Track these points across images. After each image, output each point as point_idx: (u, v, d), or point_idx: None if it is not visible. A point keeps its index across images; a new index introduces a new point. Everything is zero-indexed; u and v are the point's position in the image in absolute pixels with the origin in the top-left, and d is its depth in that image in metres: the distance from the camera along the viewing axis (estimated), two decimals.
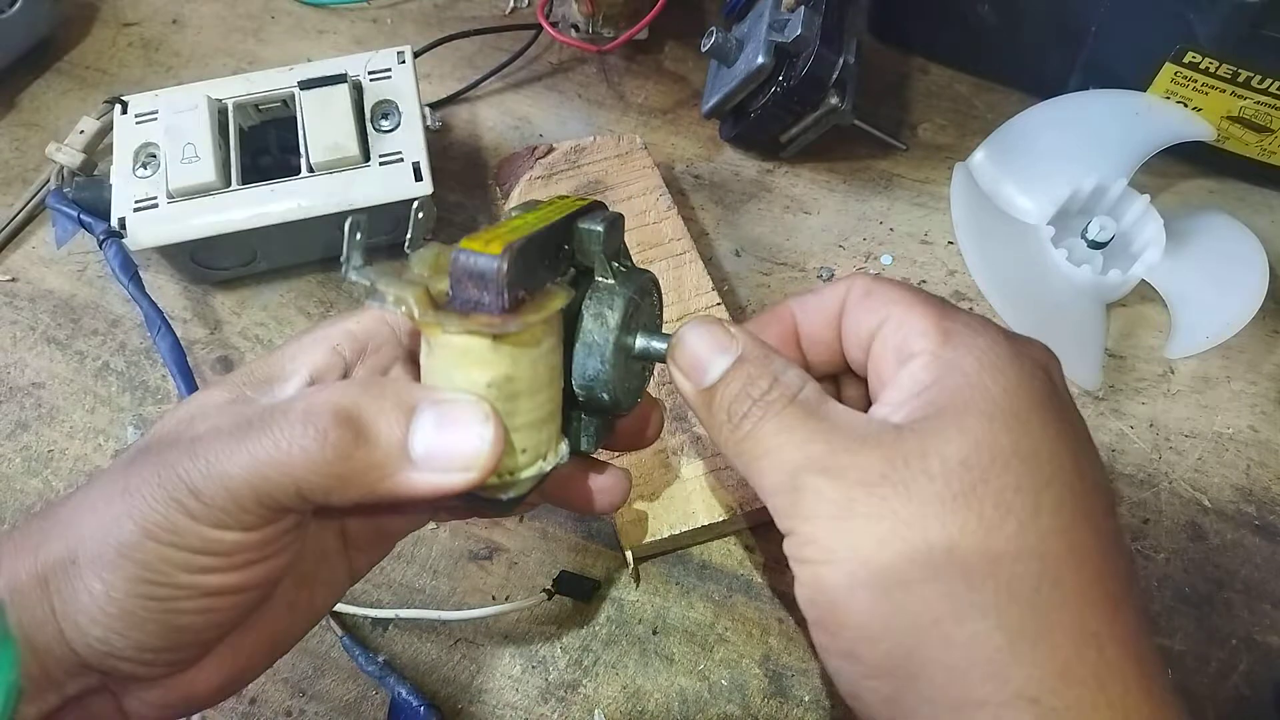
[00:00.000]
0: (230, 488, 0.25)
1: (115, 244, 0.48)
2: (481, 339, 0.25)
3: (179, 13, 0.66)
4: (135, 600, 0.25)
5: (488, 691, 0.42)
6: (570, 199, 0.30)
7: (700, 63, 0.62)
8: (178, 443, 0.26)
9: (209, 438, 0.26)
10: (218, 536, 0.25)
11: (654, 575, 0.45)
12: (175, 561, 0.25)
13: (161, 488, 0.25)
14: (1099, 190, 0.51)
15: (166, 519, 0.25)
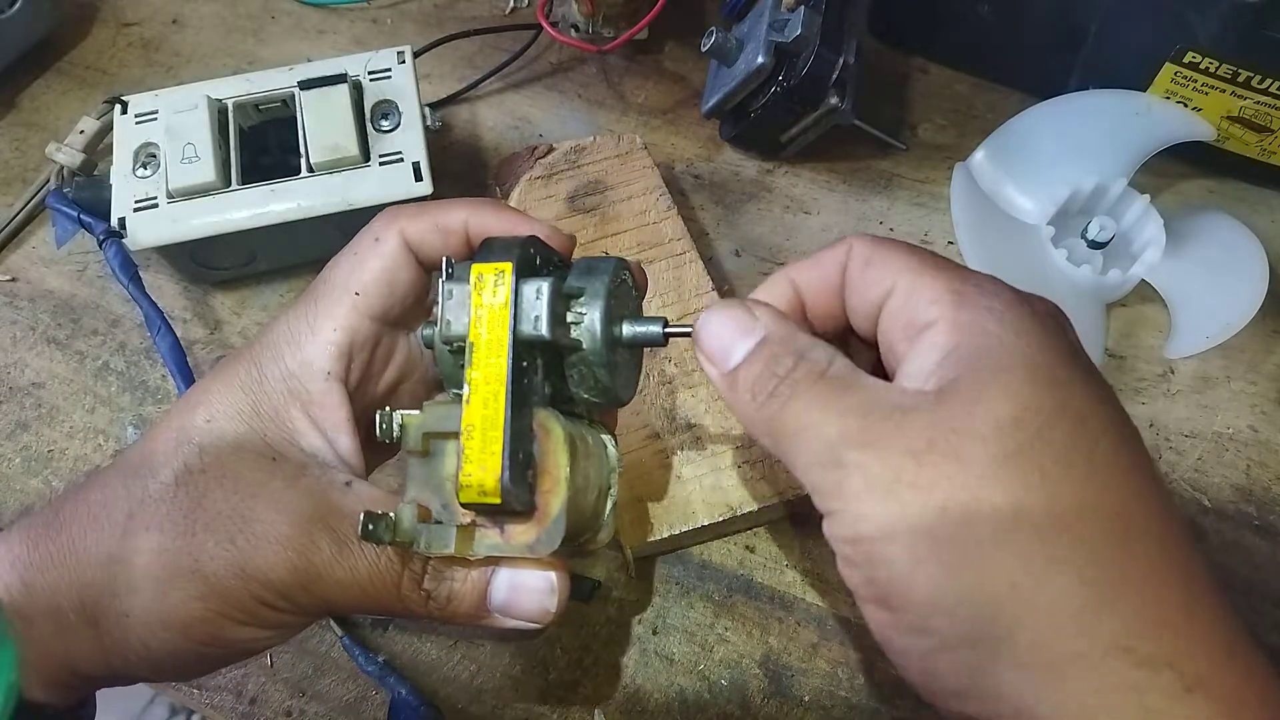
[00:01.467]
0: (330, 602, 0.29)
1: (115, 244, 0.48)
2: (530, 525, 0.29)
3: (179, 13, 0.66)
4: (192, 653, 0.28)
5: (488, 691, 0.42)
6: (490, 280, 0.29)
7: (700, 63, 0.62)
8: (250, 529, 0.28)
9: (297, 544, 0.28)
10: (291, 620, 0.29)
11: (654, 575, 0.45)
12: (243, 634, 0.29)
13: (246, 585, 0.28)
14: (1099, 190, 0.51)
15: (248, 609, 0.28)
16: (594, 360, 0.30)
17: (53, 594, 0.28)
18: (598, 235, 0.52)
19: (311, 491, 0.29)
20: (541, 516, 0.28)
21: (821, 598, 0.44)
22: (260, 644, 0.30)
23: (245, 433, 0.30)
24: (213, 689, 0.43)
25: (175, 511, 0.28)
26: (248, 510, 0.28)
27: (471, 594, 0.30)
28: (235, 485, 0.28)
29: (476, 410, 0.28)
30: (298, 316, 0.31)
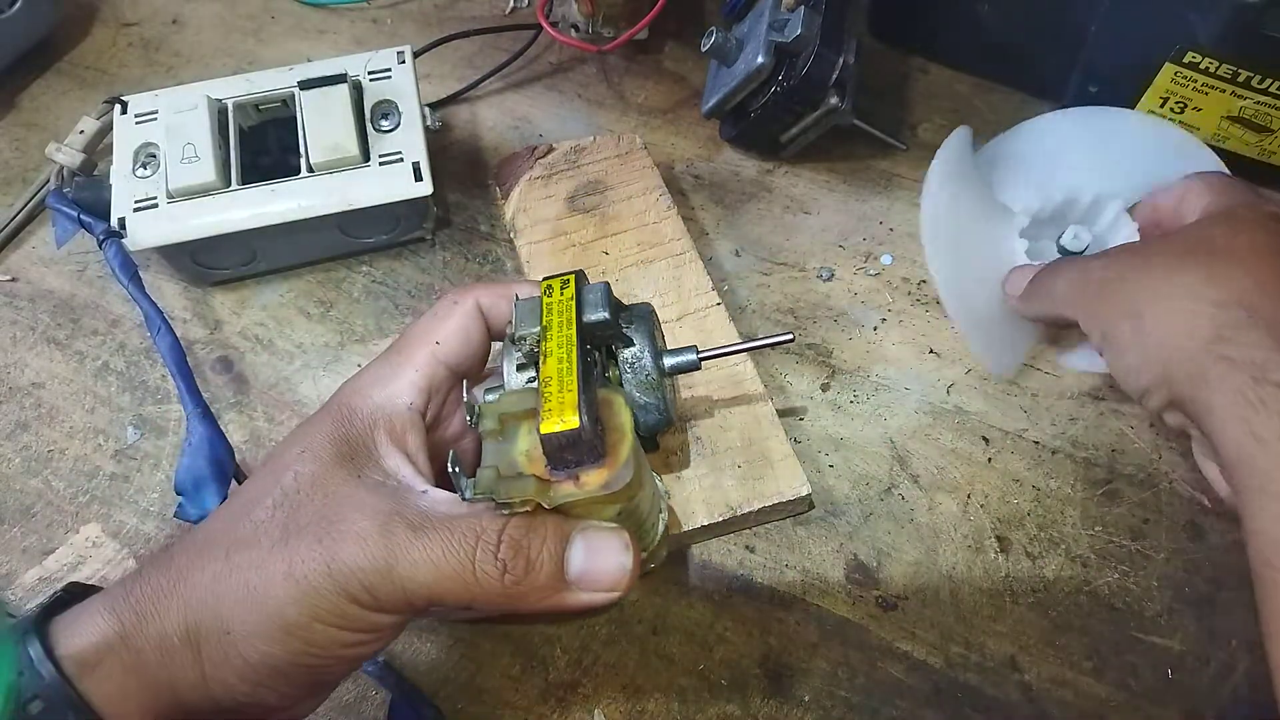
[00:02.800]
0: (409, 590, 0.29)
1: (115, 244, 0.48)
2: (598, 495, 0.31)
3: (179, 13, 0.66)
4: (291, 667, 0.29)
5: (488, 691, 0.42)
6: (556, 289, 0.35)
7: (700, 63, 0.62)
8: (336, 530, 0.30)
9: (379, 537, 0.29)
10: (382, 620, 0.30)
11: (654, 575, 0.45)
12: (338, 640, 0.30)
13: (333, 580, 0.29)
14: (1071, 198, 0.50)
15: (337, 608, 0.29)
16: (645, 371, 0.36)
17: (162, 621, 0.29)
18: (598, 235, 0.52)
19: (392, 494, 0.31)
20: (612, 462, 0.31)
21: (821, 598, 0.44)
22: (353, 652, 0.30)
23: (335, 456, 0.32)
24: None
25: (273, 528, 0.30)
26: (334, 514, 0.30)
27: (549, 563, 0.30)
28: (325, 497, 0.31)
29: (552, 367, 0.32)
30: (383, 363, 0.36)
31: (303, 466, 0.32)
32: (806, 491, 0.43)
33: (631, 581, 0.31)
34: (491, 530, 0.30)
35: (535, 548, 0.30)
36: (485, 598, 0.30)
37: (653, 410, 0.36)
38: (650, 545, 0.34)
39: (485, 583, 0.29)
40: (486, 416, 0.32)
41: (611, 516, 0.32)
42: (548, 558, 0.30)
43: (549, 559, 0.30)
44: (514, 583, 0.30)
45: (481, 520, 0.30)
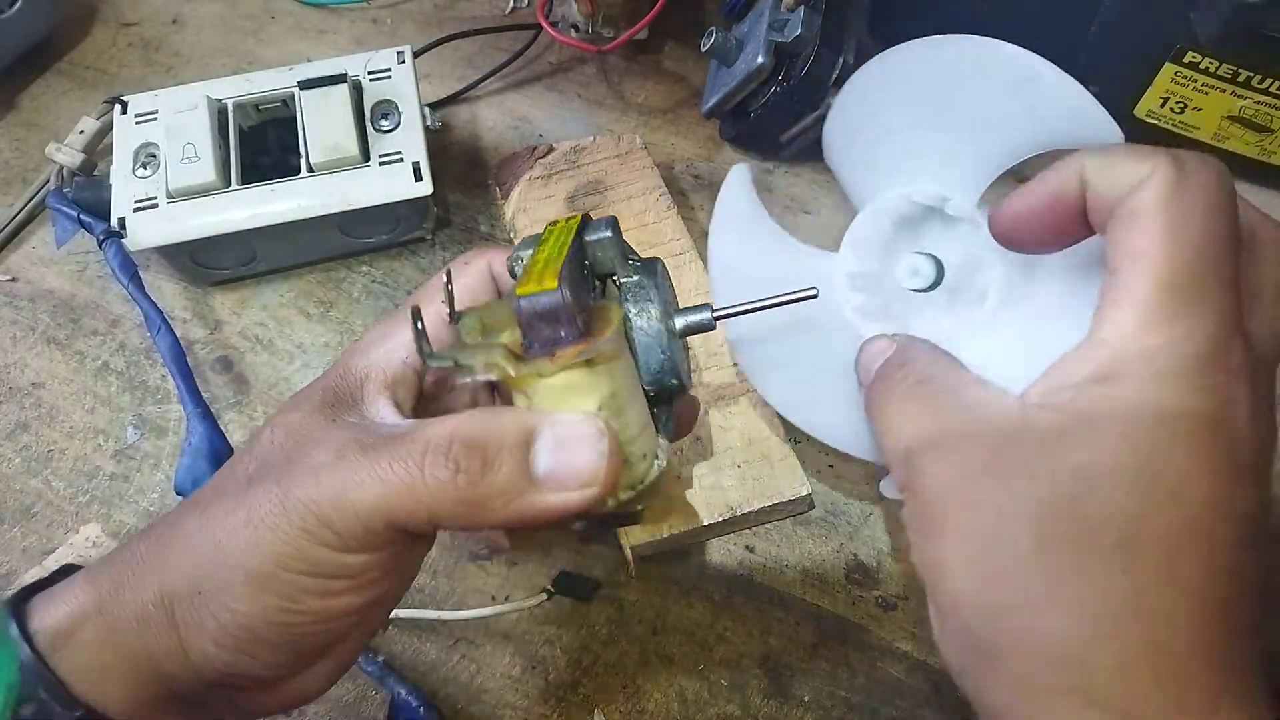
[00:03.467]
0: (361, 514, 0.26)
1: (115, 244, 0.48)
2: (578, 369, 0.27)
3: (179, 13, 0.66)
4: (265, 625, 0.27)
5: (488, 691, 0.42)
6: (560, 221, 0.31)
7: (700, 63, 0.62)
8: (294, 468, 0.27)
9: (333, 465, 0.26)
10: (347, 560, 0.27)
11: (654, 575, 0.45)
12: (307, 587, 0.27)
13: (288, 517, 0.26)
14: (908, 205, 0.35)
15: (298, 548, 0.26)
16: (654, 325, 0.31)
17: (139, 588, 0.27)
18: None
19: (360, 428, 0.29)
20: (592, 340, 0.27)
21: (821, 598, 0.44)
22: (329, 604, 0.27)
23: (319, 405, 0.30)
24: None
25: (242, 479, 0.28)
26: (297, 454, 0.28)
27: (510, 460, 0.26)
28: (295, 443, 0.28)
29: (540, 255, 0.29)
30: (387, 321, 0.33)
31: (285, 418, 0.30)
32: (807, 491, 0.43)
33: (609, 479, 0.27)
34: (443, 430, 0.26)
35: (493, 444, 0.26)
36: (441, 508, 0.26)
37: (666, 372, 0.30)
38: (638, 481, 0.29)
39: (437, 489, 0.26)
40: (468, 317, 0.29)
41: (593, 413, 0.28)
42: (508, 454, 0.26)
43: (510, 455, 0.26)
44: (469, 485, 0.26)
45: (433, 426, 0.27)
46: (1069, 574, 0.23)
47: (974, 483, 0.25)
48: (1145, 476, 0.23)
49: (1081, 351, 0.25)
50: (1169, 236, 0.24)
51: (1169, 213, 0.24)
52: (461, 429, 0.26)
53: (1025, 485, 0.24)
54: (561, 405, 0.27)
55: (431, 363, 0.26)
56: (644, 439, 0.29)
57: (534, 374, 0.27)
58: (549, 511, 0.27)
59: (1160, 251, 0.24)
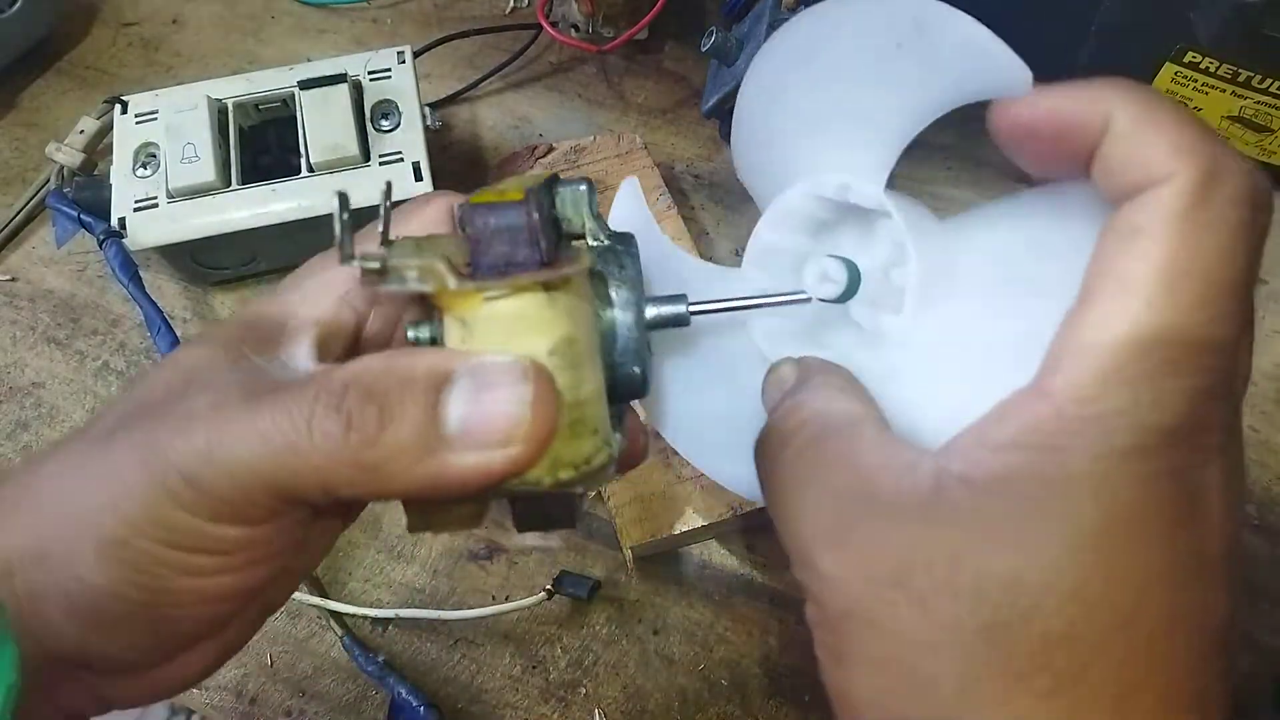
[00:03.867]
0: (236, 475, 0.21)
1: (115, 244, 0.48)
2: (533, 296, 0.22)
3: (179, 13, 0.66)
4: (117, 603, 0.22)
5: (488, 691, 0.42)
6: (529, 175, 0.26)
7: (700, 63, 0.62)
8: (168, 416, 0.22)
9: (208, 413, 0.21)
10: (218, 532, 0.21)
11: (654, 575, 0.45)
12: (166, 561, 0.21)
13: (149, 473, 0.21)
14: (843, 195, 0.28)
15: (158, 515, 0.21)
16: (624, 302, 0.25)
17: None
18: None
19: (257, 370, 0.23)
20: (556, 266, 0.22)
21: None
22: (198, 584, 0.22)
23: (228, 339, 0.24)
24: (213, 689, 0.43)
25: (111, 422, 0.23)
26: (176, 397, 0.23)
27: (415, 411, 0.20)
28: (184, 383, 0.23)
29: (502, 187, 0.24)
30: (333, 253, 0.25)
31: (185, 352, 0.25)
32: None
33: (539, 435, 0.21)
34: (339, 375, 0.21)
35: (395, 391, 0.21)
36: (334, 473, 0.20)
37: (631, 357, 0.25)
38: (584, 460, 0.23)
39: (325, 447, 0.20)
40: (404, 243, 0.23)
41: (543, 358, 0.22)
42: (412, 402, 0.21)
43: (414, 404, 0.21)
44: (363, 443, 0.20)
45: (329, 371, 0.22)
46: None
47: (881, 597, 0.20)
48: (1092, 595, 0.18)
49: (1021, 401, 0.19)
50: (1168, 274, 0.18)
51: (1178, 239, 0.18)
52: (360, 373, 0.21)
53: (945, 605, 0.19)
54: (506, 344, 0.22)
55: (354, 263, 0.21)
56: (596, 410, 0.23)
57: (477, 293, 0.21)
58: (464, 477, 0.21)
59: (1150, 298, 0.18)
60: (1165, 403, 0.18)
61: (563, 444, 0.22)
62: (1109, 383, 0.18)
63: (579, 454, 0.22)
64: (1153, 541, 0.18)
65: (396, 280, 0.21)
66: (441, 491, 0.21)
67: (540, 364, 0.21)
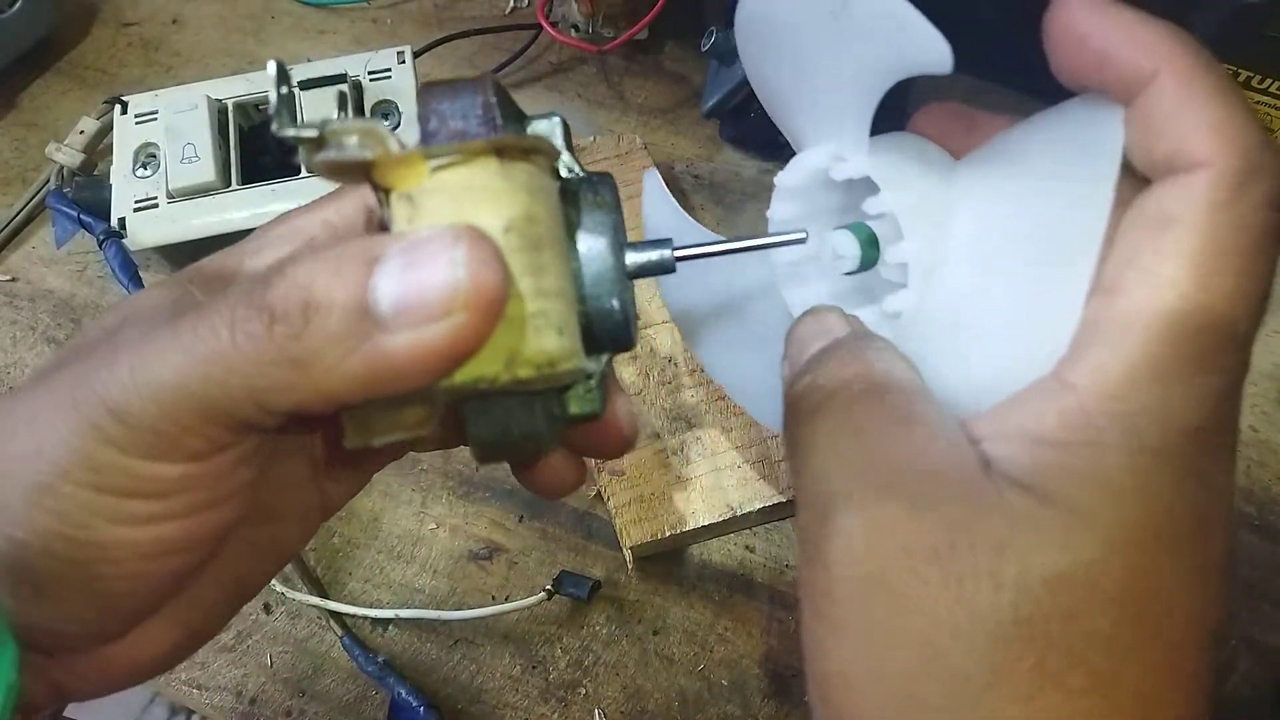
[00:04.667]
0: (162, 399, 0.19)
1: (115, 244, 0.48)
2: (485, 164, 0.19)
3: (179, 13, 0.66)
4: (48, 561, 0.20)
5: (488, 691, 0.42)
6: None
7: (700, 63, 0.62)
8: (95, 351, 0.20)
9: (136, 341, 0.19)
10: (152, 470, 0.19)
11: (654, 575, 0.45)
12: (96, 509, 0.19)
13: (76, 412, 0.19)
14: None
15: (86, 454, 0.19)
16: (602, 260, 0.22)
17: None
18: None
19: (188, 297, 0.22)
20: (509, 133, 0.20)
21: None
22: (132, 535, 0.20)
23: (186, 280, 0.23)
24: (213, 689, 0.43)
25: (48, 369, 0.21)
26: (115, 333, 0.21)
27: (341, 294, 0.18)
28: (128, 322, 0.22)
29: None
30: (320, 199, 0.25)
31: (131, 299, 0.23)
32: None
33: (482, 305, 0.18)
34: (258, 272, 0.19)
35: (320, 279, 0.18)
36: (259, 374, 0.18)
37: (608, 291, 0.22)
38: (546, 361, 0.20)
39: (249, 349, 0.18)
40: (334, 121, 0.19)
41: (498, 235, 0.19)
42: (339, 286, 0.18)
43: (342, 287, 0.18)
44: (289, 337, 0.18)
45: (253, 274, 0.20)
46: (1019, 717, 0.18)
47: (914, 570, 0.18)
48: (1132, 599, 0.18)
49: (1047, 394, 0.19)
50: (1200, 272, 0.18)
51: (1212, 233, 0.18)
52: (284, 263, 0.19)
53: (984, 592, 0.18)
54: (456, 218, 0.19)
55: (288, 131, 0.19)
56: (563, 309, 0.21)
57: (423, 161, 0.19)
58: (404, 362, 0.18)
59: (1183, 291, 0.18)
60: (1192, 402, 0.18)
61: (520, 336, 0.20)
62: (1138, 379, 0.18)
63: (540, 351, 0.20)
64: (1183, 546, 0.18)
65: (335, 148, 0.19)
66: (382, 384, 0.19)
67: (476, 226, 0.19)
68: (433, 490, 0.47)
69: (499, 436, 0.22)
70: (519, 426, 0.22)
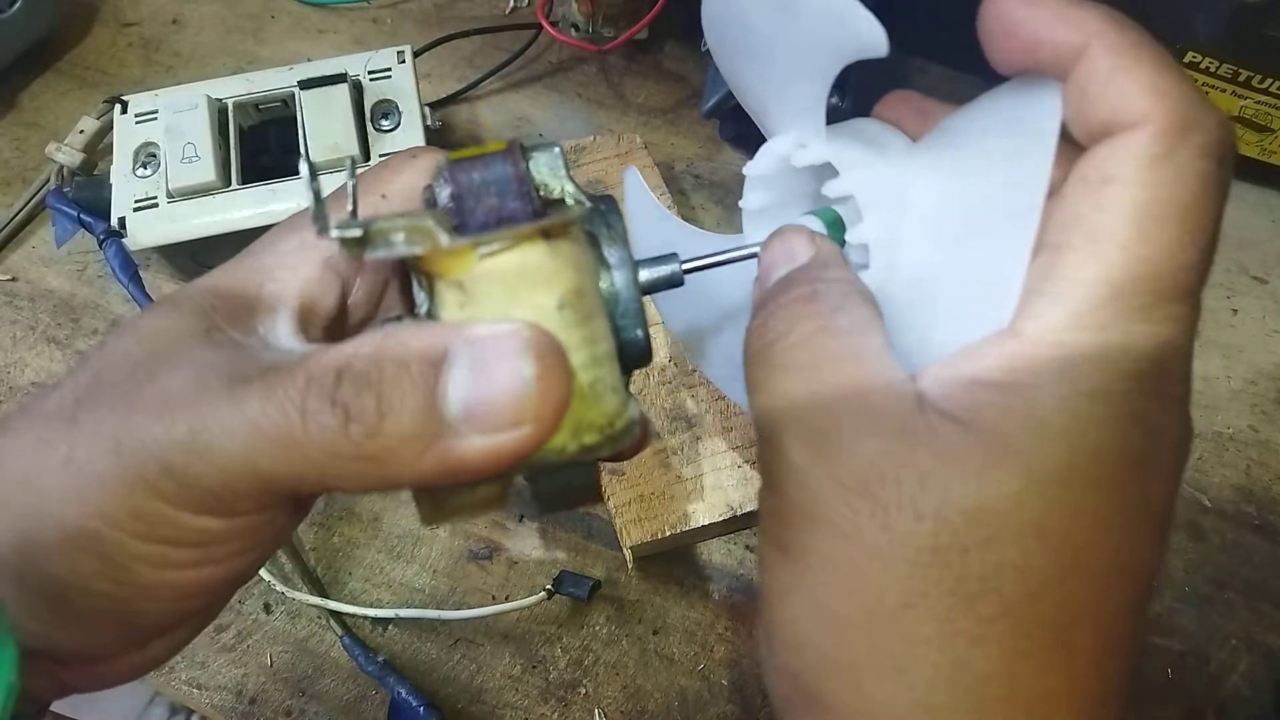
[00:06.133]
0: (223, 466, 0.19)
1: (115, 244, 0.48)
2: (534, 247, 0.20)
3: (179, 13, 0.66)
4: (85, 598, 0.20)
5: (488, 691, 0.42)
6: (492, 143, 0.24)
7: (700, 63, 0.62)
8: (139, 398, 0.20)
9: (189, 397, 0.20)
10: (199, 524, 0.20)
11: (654, 575, 0.45)
12: (140, 555, 0.20)
13: (123, 462, 0.19)
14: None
15: (131, 505, 0.19)
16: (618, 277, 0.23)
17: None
18: None
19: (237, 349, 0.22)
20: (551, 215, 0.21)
21: None
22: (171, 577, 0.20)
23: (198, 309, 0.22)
24: (213, 689, 0.43)
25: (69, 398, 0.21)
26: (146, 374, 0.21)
27: (413, 397, 0.19)
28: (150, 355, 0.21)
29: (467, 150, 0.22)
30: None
31: (147, 320, 0.22)
32: None
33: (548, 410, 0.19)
34: (330, 361, 0.19)
35: (390, 379, 0.19)
36: (332, 465, 0.19)
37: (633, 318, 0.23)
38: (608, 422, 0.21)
39: (323, 440, 0.19)
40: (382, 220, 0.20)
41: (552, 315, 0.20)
42: (410, 389, 0.19)
43: (412, 390, 0.19)
44: (365, 435, 0.19)
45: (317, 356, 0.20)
46: (933, 639, 0.19)
47: (846, 501, 0.19)
48: (1050, 535, 0.18)
49: (995, 341, 0.20)
50: (1140, 224, 0.19)
51: (1151, 188, 0.19)
52: (352, 359, 0.19)
53: (907, 521, 0.19)
54: (510, 303, 0.20)
55: (333, 232, 0.19)
56: (611, 369, 0.22)
57: (472, 249, 0.20)
58: (475, 463, 0.19)
59: (1123, 242, 0.19)
60: (1134, 347, 0.19)
61: (584, 406, 0.21)
62: (1080, 326, 0.19)
63: (602, 415, 0.21)
64: (1112, 485, 0.19)
65: (383, 246, 0.19)
66: (454, 478, 0.20)
67: (541, 330, 0.20)
68: None
69: (562, 493, 0.23)
70: (578, 479, 0.23)
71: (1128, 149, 0.19)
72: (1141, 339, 0.19)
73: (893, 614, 0.19)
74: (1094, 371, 0.19)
